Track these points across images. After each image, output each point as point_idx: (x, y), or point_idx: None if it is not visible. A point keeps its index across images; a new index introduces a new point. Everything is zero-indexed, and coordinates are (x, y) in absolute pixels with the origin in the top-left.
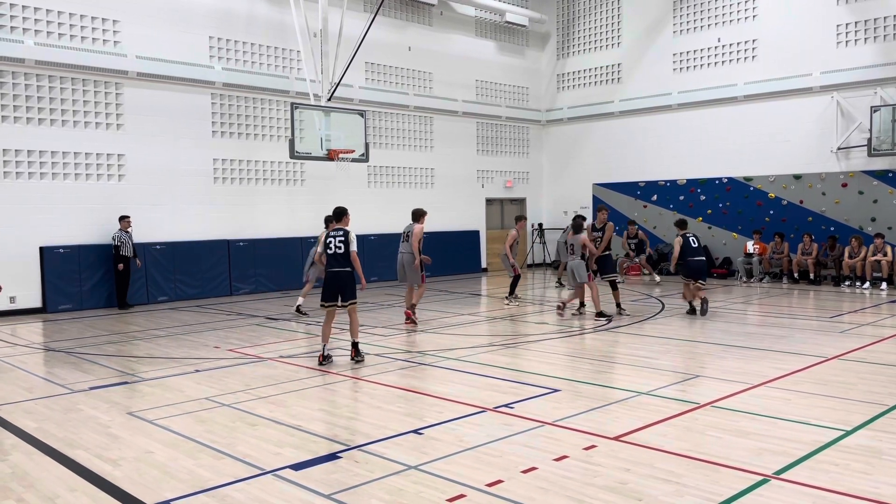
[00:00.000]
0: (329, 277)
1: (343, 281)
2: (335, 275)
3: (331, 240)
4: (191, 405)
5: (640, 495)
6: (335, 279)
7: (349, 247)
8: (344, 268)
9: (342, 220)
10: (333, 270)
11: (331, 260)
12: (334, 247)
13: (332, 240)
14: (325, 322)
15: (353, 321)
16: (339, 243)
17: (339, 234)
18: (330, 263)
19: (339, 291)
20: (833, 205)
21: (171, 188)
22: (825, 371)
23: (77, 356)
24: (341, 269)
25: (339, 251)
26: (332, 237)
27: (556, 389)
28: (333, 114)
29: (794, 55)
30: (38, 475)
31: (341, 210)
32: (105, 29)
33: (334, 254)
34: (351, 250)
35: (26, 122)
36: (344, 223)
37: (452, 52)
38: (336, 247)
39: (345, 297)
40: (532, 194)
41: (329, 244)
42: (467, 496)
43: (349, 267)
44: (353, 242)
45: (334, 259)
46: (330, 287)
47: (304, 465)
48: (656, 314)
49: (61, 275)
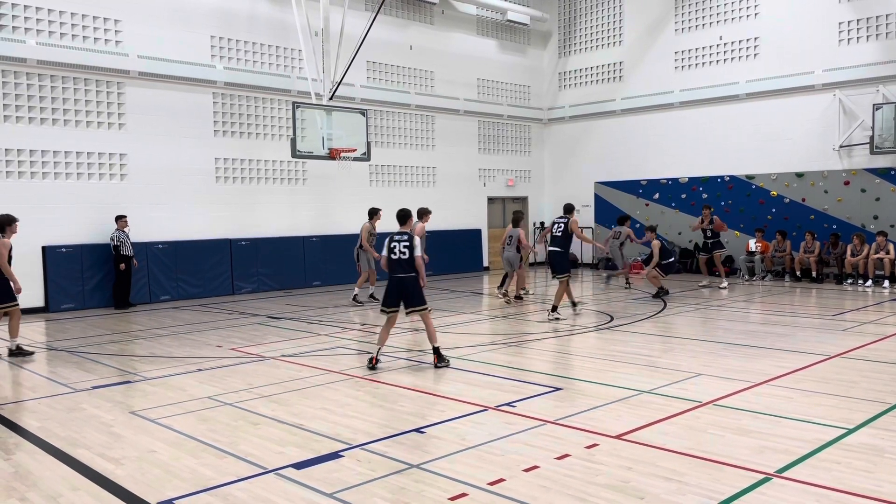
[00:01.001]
0: (393, 283)
1: (408, 287)
2: (400, 281)
3: (395, 244)
4: (193, 404)
5: (642, 494)
6: (400, 285)
7: (414, 252)
8: (409, 273)
9: (406, 223)
10: (398, 276)
11: (395, 265)
12: (399, 252)
13: (397, 245)
14: (385, 326)
15: (428, 326)
16: (403, 248)
17: (403, 240)
18: (394, 269)
19: (403, 298)
20: (835, 203)
21: (172, 187)
22: (827, 369)
23: (80, 355)
24: (406, 276)
25: (403, 256)
26: (397, 242)
27: (558, 388)
28: (335, 113)
29: (795, 53)
30: (40, 474)
31: (405, 212)
32: (107, 28)
33: (398, 259)
34: (416, 255)
35: (28, 122)
36: (407, 226)
37: (454, 50)
38: (401, 252)
39: (410, 304)
40: (534, 193)
41: (393, 249)
42: (469, 495)
43: (414, 272)
44: (417, 247)
45: (398, 265)
46: (393, 293)
47: (307, 464)
48: (658, 313)
49: (64, 274)
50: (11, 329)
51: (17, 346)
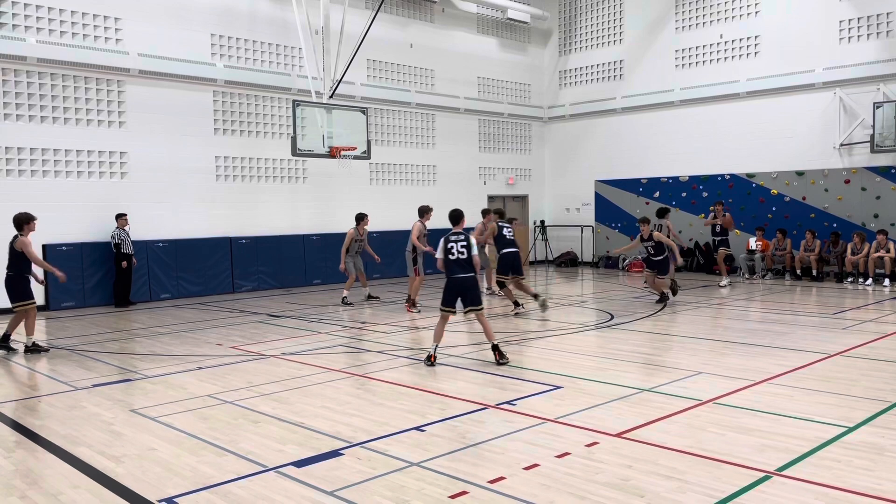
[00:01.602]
0: (453, 283)
1: (468, 287)
2: (460, 281)
3: (452, 245)
4: (193, 402)
5: (642, 492)
6: (460, 285)
7: (472, 250)
8: (468, 273)
9: (459, 222)
10: (458, 277)
11: (453, 266)
12: (457, 252)
13: (454, 245)
14: (440, 323)
15: (484, 326)
16: (461, 248)
17: (461, 239)
18: (452, 269)
19: (462, 297)
20: (836, 201)
21: (173, 186)
22: (828, 368)
23: (80, 353)
24: (466, 276)
25: (461, 256)
26: (454, 242)
27: (559, 386)
28: (335, 111)
29: (796, 51)
30: (41, 472)
31: (458, 213)
32: (107, 27)
33: (457, 259)
34: (473, 254)
35: (28, 120)
36: (461, 226)
37: (454, 49)
38: (459, 252)
39: (468, 303)
40: (534, 191)
41: (451, 249)
42: (469, 493)
43: (473, 272)
44: (474, 246)
45: (457, 265)
46: (452, 293)
47: (307, 462)
48: (658, 311)
49: (64, 272)
50: (28, 327)
51: (34, 343)
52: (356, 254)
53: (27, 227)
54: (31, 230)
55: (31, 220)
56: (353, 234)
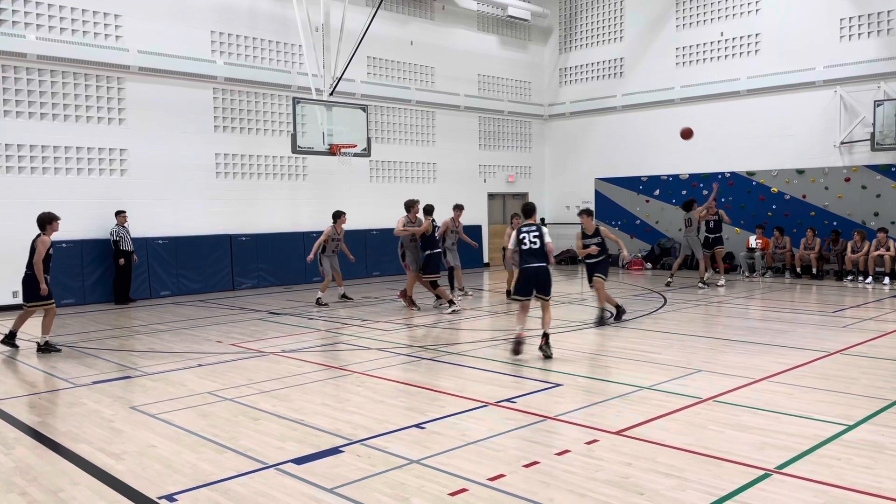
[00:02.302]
0: (527, 273)
1: (542, 277)
2: (534, 271)
3: (524, 235)
4: (193, 399)
5: (641, 489)
6: (534, 275)
7: (544, 240)
8: (541, 263)
9: (532, 215)
10: (532, 266)
11: (527, 256)
12: (529, 242)
13: (527, 235)
14: (521, 312)
15: (546, 315)
16: (534, 238)
17: (532, 230)
18: (526, 259)
19: (536, 286)
20: (836, 199)
21: (173, 183)
22: (827, 366)
23: (80, 350)
24: (539, 265)
25: (534, 246)
26: (527, 233)
27: (558, 384)
28: (335, 108)
29: (797, 49)
30: (41, 469)
31: (531, 206)
32: (107, 24)
33: (530, 249)
34: (546, 242)
35: (28, 117)
36: (533, 218)
37: (454, 46)
38: (531, 242)
39: (541, 292)
40: (534, 189)
41: (523, 240)
42: (469, 490)
43: (546, 262)
44: (546, 236)
45: (531, 254)
46: (527, 282)
47: (307, 460)
48: (658, 309)
49: (64, 269)
50: (45, 326)
51: (46, 343)
52: (333, 253)
53: (49, 227)
54: (53, 230)
55: (53, 221)
56: (330, 231)
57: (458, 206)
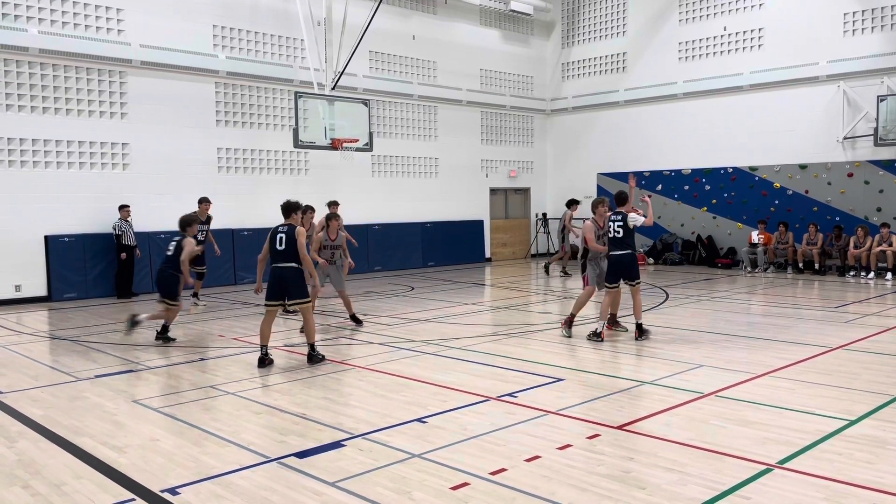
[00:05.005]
0: (615, 261)
1: (628, 264)
2: (618, 258)
3: (610, 224)
4: (196, 393)
5: (643, 484)
6: (620, 263)
7: (627, 229)
8: (626, 250)
9: (626, 204)
10: (617, 254)
11: (611, 244)
12: (613, 231)
13: (612, 224)
14: (606, 300)
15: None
16: (618, 227)
17: (618, 220)
18: (613, 247)
19: (624, 275)
20: (838, 195)
21: (175, 177)
22: (829, 361)
23: (82, 344)
24: (625, 253)
25: (618, 235)
26: (612, 222)
27: (560, 379)
28: (337, 103)
29: (800, 44)
30: (44, 462)
31: (624, 195)
32: (109, 17)
33: (614, 238)
34: (632, 226)
35: (30, 111)
36: (624, 207)
37: (457, 40)
38: (615, 231)
39: (629, 278)
40: (536, 184)
41: (608, 229)
42: (471, 484)
43: (631, 249)
44: (629, 224)
45: (613, 242)
46: (616, 271)
47: (309, 453)
48: (659, 304)
49: (66, 263)
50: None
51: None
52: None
53: (190, 229)
54: (193, 233)
55: (192, 223)
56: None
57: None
